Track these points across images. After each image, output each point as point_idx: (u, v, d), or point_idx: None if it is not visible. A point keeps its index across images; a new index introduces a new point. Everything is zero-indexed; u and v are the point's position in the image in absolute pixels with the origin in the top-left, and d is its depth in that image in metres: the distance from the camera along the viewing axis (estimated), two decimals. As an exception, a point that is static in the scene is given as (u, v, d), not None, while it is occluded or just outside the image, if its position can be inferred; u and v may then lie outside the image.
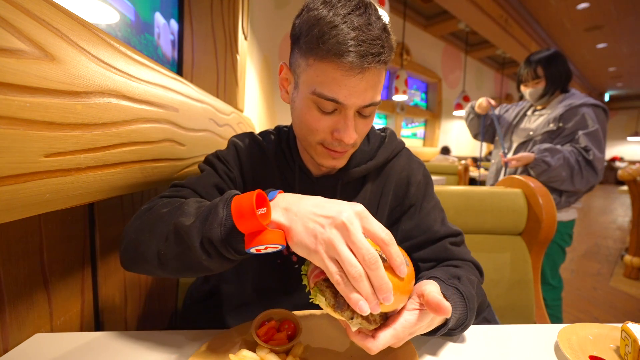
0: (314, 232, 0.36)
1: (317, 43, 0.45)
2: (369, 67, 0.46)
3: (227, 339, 0.48)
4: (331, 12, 0.45)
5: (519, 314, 0.94)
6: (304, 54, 0.49)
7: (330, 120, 0.51)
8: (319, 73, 0.47)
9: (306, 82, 0.50)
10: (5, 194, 0.33)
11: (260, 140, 0.67)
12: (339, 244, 0.35)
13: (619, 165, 11.93)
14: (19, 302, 0.47)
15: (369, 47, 0.44)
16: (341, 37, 0.44)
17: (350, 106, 0.49)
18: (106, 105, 0.47)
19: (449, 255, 0.60)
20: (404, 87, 3.98)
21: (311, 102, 0.50)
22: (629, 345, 0.44)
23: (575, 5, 4.69)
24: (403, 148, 0.69)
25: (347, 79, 0.46)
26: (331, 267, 0.35)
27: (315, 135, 0.53)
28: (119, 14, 0.95)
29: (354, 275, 0.34)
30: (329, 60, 0.45)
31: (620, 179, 2.65)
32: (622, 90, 10.64)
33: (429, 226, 0.63)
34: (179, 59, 1.36)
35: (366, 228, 0.36)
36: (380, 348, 0.37)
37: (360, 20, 0.45)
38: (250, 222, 0.36)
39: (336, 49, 0.44)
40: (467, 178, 3.66)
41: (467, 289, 0.49)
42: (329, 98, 0.48)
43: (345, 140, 0.51)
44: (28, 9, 0.36)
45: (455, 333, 0.50)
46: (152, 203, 0.52)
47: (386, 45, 0.47)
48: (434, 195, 0.68)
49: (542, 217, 0.93)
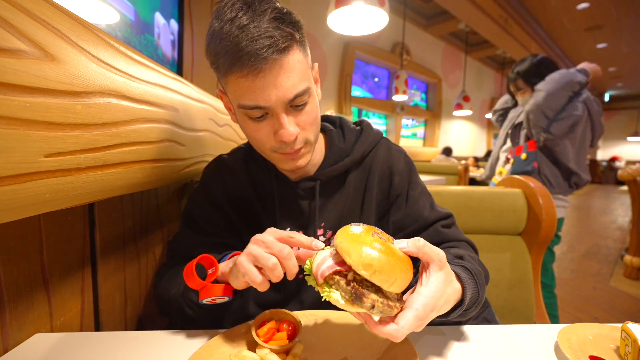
0: (242, 258, 0.45)
1: (217, 60, 0.47)
2: (268, 61, 0.45)
3: (227, 339, 0.48)
4: (219, 22, 0.45)
5: (519, 314, 0.94)
6: (219, 75, 0.50)
7: (267, 125, 0.51)
8: (234, 87, 0.48)
9: (232, 100, 0.52)
10: (5, 194, 0.33)
11: (229, 161, 0.68)
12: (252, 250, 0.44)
13: (618, 165, 11.94)
14: (19, 302, 0.47)
15: (257, 43, 0.43)
16: (230, 46, 0.44)
17: (274, 106, 0.48)
18: (106, 105, 0.47)
19: (443, 239, 0.61)
20: (404, 87, 3.98)
21: (243, 115, 0.51)
22: (629, 345, 0.44)
23: (575, 5, 4.69)
24: (381, 138, 0.68)
25: (254, 82, 0.46)
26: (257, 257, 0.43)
27: (263, 144, 0.54)
28: (119, 14, 0.95)
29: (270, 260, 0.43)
30: (232, 72, 0.46)
31: (620, 179, 2.66)
32: (622, 90, 10.64)
33: (419, 213, 0.63)
34: (179, 59, 1.36)
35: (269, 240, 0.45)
36: (406, 333, 0.36)
37: (244, 18, 0.44)
38: (192, 281, 0.49)
39: (230, 60, 0.45)
40: (467, 178, 3.66)
41: (473, 266, 0.49)
42: (251, 107, 0.48)
43: (286, 139, 0.50)
44: (28, 9, 0.36)
45: (469, 313, 0.47)
46: (161, 274, 0.64)
47: (278, 32, 0.45)
48: (419, 181, 0.67)
49: (542, 217, 0.93)
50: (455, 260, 0.50)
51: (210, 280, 0.50)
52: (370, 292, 0.36)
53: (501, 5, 4.53)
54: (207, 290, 0.49)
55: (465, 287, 0.44)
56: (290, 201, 0.63)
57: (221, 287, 0.49)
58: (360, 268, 0.35)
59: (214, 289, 0.49)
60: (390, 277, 0.35)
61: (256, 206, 0.65)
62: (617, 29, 5.46)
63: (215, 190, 0.66)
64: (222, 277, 0.51)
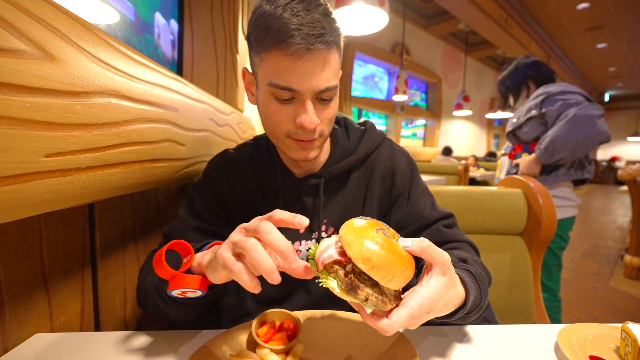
0: (222, 247, 0.40)
1: (263, 36, 0.48)
2: (314, 49, 0.47)
3: (227, 339, 0.48)
4: (272, 5, 0.48)
5: (519, 314, 0.94)
6: (256, 51, 0.52)
7: (290, 109, 0.52)
8: (270, 65, 0.50)
9: (262, 77, 0.52)
10: (5, 194, 0.33)
11: (234, 155, 0.68)
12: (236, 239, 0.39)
13: (618, 165, 11.94)
14: (19, 302, 0.47)
15: (310, 29, 0.46)
16: (282, 24, 0.46)
17: (305, 92, 0.50)
18: (106, 105, 0.47)
19: (444, 238, 0.61)
20: (404, 87, 3.98)
21: (269, 94, 0.52)
22: (629, 345, 0.44)
23: (575, 5, 4.69)
24: (384, 139, 0.69)
25: (295, 64, 0.48)
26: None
27: (279, 127, 0.54)
28: (119, 14, 0.95)
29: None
30: (275, 49, 0.48)
31: (620, 179, 2.65)
32: (622, 90, 10.64)
33: (420, 213, 0.63)
34: (179, 59, 1.36)
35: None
36: (396, 329, 0.36)
37: (299, 7, 0.47)
38: (161, 269, 0.43)
39: (279, 37, 0.46)
40: (467, 178, 3.66)
41: (477, 270, 0.49)
42: (283, 87, 0.49)
43: (306, 125, 0.51)
44: (28, 9, 0.36)
45: (471, 317, 0.47)
46: (147, 261, 0.59)
47: (328, 26, 0.48)
48: (421, 181, 0.68)
49: (542, 217, 0.93)
50: (460, 263, 0.50)
51: (183, 270, 0.44)
52: (366, 286, 0.37)
53: (501, 5, 4.53)
54: (177, 280, 0.43)
55: (468, 292, 0.44)
56: (294, 197, 0.64)
57: (195, 279, 0.44)
58: (360, 261, 0.35)
59: (186, 280, 0.43)
60: (388, 273, 0.36)
61: (260, 202, 0.65)
62: (617, 29, 5.46)
63: (218, 182, 0.66)
64: (198, 268, 0.45)
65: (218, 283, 0.42)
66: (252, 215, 0.65)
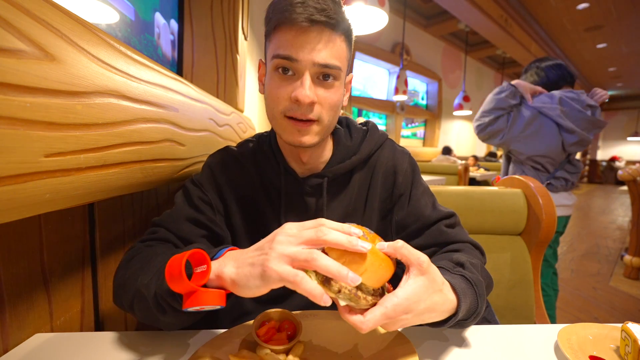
0: (258, 263, 0.37)
1: (272, 15, 0.52)
2: (316, 21, 0.49)
3: (227, 339, 0.48)
4: None
5: (519, 314, 0.94)
6: (267, 35, 0.55)
7: (290, 85, 0.53)
8: (276, 41, 0.52)
9: (269, 57, 0.54)
10: (5, 194, 0.33)
11: (237, 152, 0.68)
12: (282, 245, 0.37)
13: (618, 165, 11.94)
14: (19, 302, 0.47)
15: (314, 3, 0.49)
16: (288, 2, 0.50)
17: (303, 62, 0.51)
18: (106, 105, 0.47)
19: (445, 239, 0.60)
20: (404, 87, 3.98)
21: (273, 71, 0.54)
22: (629, 345, 0.44)
23: (575, 5, 4.69)
24: (386, 139, 0.69)
25: (298, 36, 0.50)
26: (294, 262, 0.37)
27: (278, 104, 0.54)
28: (119, 14, 0.95)
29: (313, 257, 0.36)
30: (281, 24, 0.51)
31: (620, 179, 2.66)
32: (622, 90, 10.63)
33: (421, 212, 0.63)
34: (179, 59, 1.36)
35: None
36: (370, 327, 0.36)
37: None
38: (180, 284, 0.38)
39: (284, 13, 0.49)
40: (467, 178, 3.66)
41: (474, 275, 0.48)
42: (283, 55, 0.51)
43: (300, 98, 0.51)
44: (28, 9, 0.36)
45: (467, 323, 0.47)
46: (132, 252, 0.54)
47: (333, 8, 0.50)
48: (422, 181, 0.68)
49: (542, 217, 0.93)
50: (456, 268, 0.49)
51: (199, 282, 0.39)
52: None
53: (501, 5, 4.53)
54: (198, 297, 0.38)
55: (460, 298, 0.43)
56: (296, 197, 0.63)
57: (217, 295, 0.39)
58: (332, 250, 0.38)
59: (208, 297, 0.39)
60: (359, 267, 0.37)
61: (261, 200, 0.64)
62: (617, 29, 5.46)
63: (220, 178, 0.65)
64: (217, 280, 0.41)
65: (249, 297, 0.39)
66: (252, 213, 0.66)
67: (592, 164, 13.12)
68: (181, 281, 0.37)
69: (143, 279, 0.45)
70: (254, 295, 0.38)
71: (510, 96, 1.55)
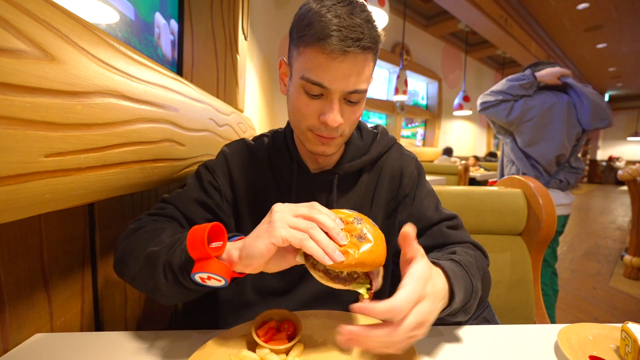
0: (263, 230, 0.41)
1: (305, 31, 0.50)
2: (350, 52, 0.48)
3: (227, 339, 0.48)
4: (319, 4, 0.50)
5: (519, 314, 0.94)
6: (296, 44, 0.53)
7: (318, 105, 0.54)
8: (306, 59, 0.51)
9: (297, 70, 0.54)
10: (5, 194, 0.33)
11: (252, 144, 0.69)
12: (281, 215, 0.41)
13: (618, 165, 11.94)
14: (19, 302, 0.47)
15: (349, 32, 0.48)
16: (324, 24, 0.48)
17: (334, 90, 0.51)
18: (106, 105, 0.47)
19: (447, 240, 0.62)
20: (404, 87, 3.98)
21: (300, 87, 0.53)
22: (629, 345, 0.44)
23: (575, 5, 4.69)
24: (395, 143, 0.71)
25: (330, 63, 0.49)
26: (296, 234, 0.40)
27: (304, 120, 0.55)
28: (119, 14, 0.95)
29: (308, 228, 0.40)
30: (314, 45, 0.49)
31: (620, 179, 2.66)
32: (622, 90, 10.63)
33: (423, 213, 0.64)
34: (179, 59, 1.36)
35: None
36: (405, 307, 0.36)
37: (343, 10, 0.49)
38: (198, 248, 0.41)
39: (319, 34, 0.48)
40: (467, 178, 3.66)
41: (463, 257, 0.50)
42: (314, 82, 0.51)
43: (329, 123, 0.52)
44: (28, 9, 0.36)
45: (470, 305, 0.48)
46: (139, 223, 0.56)
47: (367, 32, 0.49)
48: (427, 184, 0.69)
49: (542, 217, 0.93)
50: (445, 256, 0.51)
51: (214, 253, 0.42)
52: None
53: (501, 5, 4.53)
54: (209, 264, 0.41)
55: (450, 278, 0.44)
56: (307, 192, 0.64)
57: (224, 266, 0.42)
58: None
59: (216, 265, 0.41)
60: (353, 227, 0.42)
61: (271, 191, 0.65)
62: (617, 29, 5.46)
63: (234, 167, 0.66)
64: (228, 260, 0.44)
65: (249, 272, 0.43)
66: (261, 204, 0.66)
67: (592, 164, 13.12)
68: (202, 246, 0.41)
69: (153, 248, 0.47)
70: (255, 269, 0.42)
71: (527, 85, 1.54)
